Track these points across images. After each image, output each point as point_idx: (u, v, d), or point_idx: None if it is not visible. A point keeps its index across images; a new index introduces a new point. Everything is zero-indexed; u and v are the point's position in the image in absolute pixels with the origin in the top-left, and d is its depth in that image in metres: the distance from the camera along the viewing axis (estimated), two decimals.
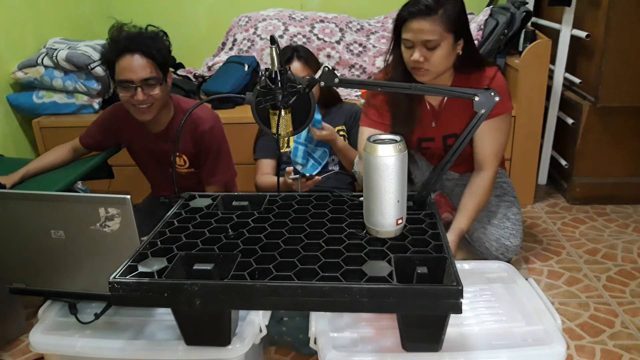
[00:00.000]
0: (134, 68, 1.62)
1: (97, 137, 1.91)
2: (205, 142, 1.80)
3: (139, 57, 1.62)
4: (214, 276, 1.00)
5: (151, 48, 1.64)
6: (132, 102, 1.66)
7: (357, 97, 2.56)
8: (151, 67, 1.64)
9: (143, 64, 1.63)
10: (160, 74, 1.68)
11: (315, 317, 1.15)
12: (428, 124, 1.70)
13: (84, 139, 1.92)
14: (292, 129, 1.23)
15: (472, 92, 1.23)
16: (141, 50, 1.63)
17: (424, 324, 1.02)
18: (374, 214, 1.10)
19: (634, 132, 2.38)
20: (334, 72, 1.20)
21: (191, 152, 1.84)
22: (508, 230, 1.76)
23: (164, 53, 1.69)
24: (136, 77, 1.62)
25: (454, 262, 1.00)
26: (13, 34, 2.40)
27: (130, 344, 1.15)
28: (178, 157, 1.81)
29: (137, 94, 1.64)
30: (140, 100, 1.64)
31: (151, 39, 1.67)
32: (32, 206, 1.22)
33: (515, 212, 1.80)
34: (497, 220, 1.78)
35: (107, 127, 1.89)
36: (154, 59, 1.65)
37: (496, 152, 1.65)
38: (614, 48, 2.18)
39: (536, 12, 2.75)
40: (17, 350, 1.63)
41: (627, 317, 1.68)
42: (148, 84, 1.64)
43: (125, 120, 1.82)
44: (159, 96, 1.68)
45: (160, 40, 1.69)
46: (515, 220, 1.78)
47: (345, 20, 2.91)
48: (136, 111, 1.69)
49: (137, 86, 1.63)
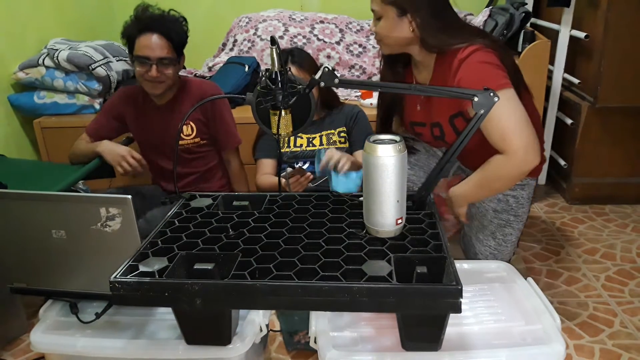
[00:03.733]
0: (152, 46, 1.75)
1: (100, 120, 1.98)
2: (216, 104, 1.91)
3: (158, 36, 1.76)
4: (215, 276, 1.00)
5: (170, 30, 1.78)
6: (146, 77, 1.79)
7: (356, 98, 2.56)
8: (168, 48, 1.78)
9: (161, 43, 1.76)
10: (175, 55, 1.81)
11: (315, 316, 1.16)
12: (414, 105, 1.66)
13: (89, 127, 1.98)
14: (292, 129, 1.23)
15: (471, 92, 1.23)
16: (161, 31, 1.77)
17: (423, 324, 1.02)
18: (374, 214, 1.11)
19: (633, 132, 2.38)
20: (333, 73, 1.21)
21: (199, 119, 1.92)
22: (489, 249, 1.68)
23: (182, 37, 1.83)
24: (153, 55, 1.76)
25: (454, 261, 1.01)
26: (14, 35, 2.40)
27: (131, 343, 1.16)
28: (185, 126, 1.92)
29: (151, 70, 1.76)
30: (154, 76, 1.77)
31: (172, 22, 1.81)
32: (33, 206, 1.23)
33: (507, 232, 1.66)
34: (482, 236, 1.69)
35: (110, 109, 1.98)
36: (172, 40, 1.79)
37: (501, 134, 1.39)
38: (612, 48, 2.18)
39: (535, 13, 2.76)
40: (18, 349, 1.64)
41: (626, 316, 1.68)
42: (163, 62, 1.77)
43: (128, 99, 1.95)
44: (171, 75, 1.81)
45: (180, 25, 1.83)
46: (502, 241, 1.67)
47: (345, 21, 2.92)
48: (147, 85, 1.83)
49: (152, 63, 1.76)
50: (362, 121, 2.01)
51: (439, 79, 1.54)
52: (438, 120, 1.60)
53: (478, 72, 1.42)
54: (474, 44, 1.45)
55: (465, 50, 1.44)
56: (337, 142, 1.98)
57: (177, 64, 1.84)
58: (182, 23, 1.84)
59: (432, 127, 1.64)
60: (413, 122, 1.70)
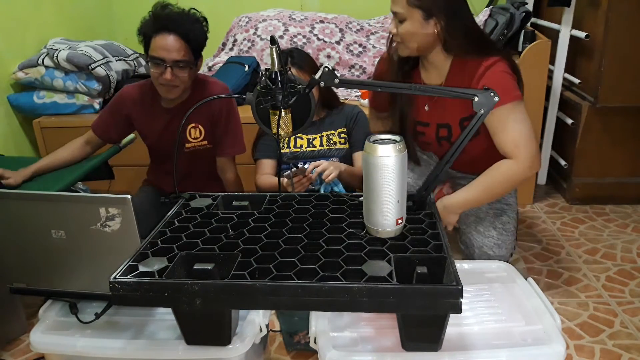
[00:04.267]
0: (168, 47, 1.65)
1: (108, 121, 1.89)
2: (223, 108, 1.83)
3: (175, 38, 1.66)
4: (215, 276, 1.00)
5: (189, 31, 1.68)
6: (160, 80, 1.70)
7: (356, 98, 2.56)
8: (185, 50, 1.67)
9: (178, 45, 1.66)
10: (192, 58, 1.71)
11: (315, 316, 1.15)
12: (422, 105, 1.69)
13: (95, 125, 1.90)
14: (292, 129, 1.23)
15: (471, 92, 1.24)
16: (178, 32, 1.66)
17: (423, 324, 1.02)
18: (374, 214, 1.10)
19: (633, 132, 2.38)
20: (333, 73, 1.21)
21: (208, 122, 1.84)
22: (492, 239, 1.70)
23: (200, 39, 1.72)
24: (168, 57, 1.66)
25: (454, 261, 1.01)
26: (14, 34, 2.40)
27: (131, 343, 1.15)
28: (194, 129, 1.84)
29: (166, 73, 1.67)
30: (168, 79, 1.68)
31: (191, 22, 1.70)
32: (33, 206, 1.22)
33: (504, 220, 1.72)
34: (482, 228, 1.72)
35: (117, 108, 1.89)
36: (189, 42, 1.68)
37: (513, 140, 1.49)
38: (613, 48, 2.18)
39: (535, 13, 2.76)
40: (17, 349, 1.64)
41: (627, 316, 1.68)
42: (179, 65, 1.68)
43: (135, 99, 1.85)
44: (186, 79, 1.72)
45: (199, 25, 1.73)
46: (503, 230, 1.71)
47: (345, 21, 2.91)
48: (161, 88, 1.73)
49: (167, 66, 1.67)
50: (362, 122, 2.00)
51: (453, 81, 1.58)
52: (448, 121, 1.64)
53: (502, 80, 1.50)
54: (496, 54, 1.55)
55: (490, 58, 1.53)
56: (337, 142, 1.98)
57: (194, 67, 1.74)
58: (202, 24, 1.73)
59: (438, 127, 1.67)
60: (417, 122, 1.71)
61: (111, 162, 2.04)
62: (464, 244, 1.77)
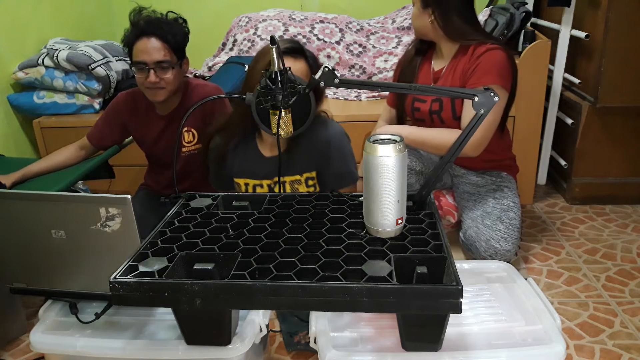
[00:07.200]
0: (148, 50, 1.69)
1: (103, 130, 1.92)
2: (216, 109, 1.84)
3: (154, 40, 1.70)
4: (215, 276, 1.00)
5: (167, 33, 1.72)
6: (146, 84, 1.73)
7: (356, 98, 2.56)
8: (165, 50, 1.71)
9: (157, 47, 1.70)
10: (175, 58, 1.75)
11: (315, 316, 1.15)
12: (425, 83, 1.84)
13: (90, 133, 1.93)
14: (292, 129, 1.23)
15: (471, 92, 1.23)
16: (157, 34, 1.71)
17: (423, 324, 1.02)
18: (374, 214, 1.10)
19: (633, 133, 2.38)
20: (333, 73, 1.20)
21: (200, 127, 1.86)
22: (500, 233, 1.77)
23: (179, 38, 1.76)
24: (150, 59, 1.70)
25: (454, 261, 1.01)
26: (14, 34, 2.40)
27: (131, 343, 1.15)
28: (187, 133, 1.86)
29: (149, 76, 1.71)
30: (153, 82, 1.71)
31: (168, 24, 1.74)
32: (33, 206, 1.22)
33: (511, 217, 1.81)
34: (490, 222, 1.79)
35: (112, 117, 1.91)
36: (169, 42, 1.72)
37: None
38: (613, 48, 2.18)
39: (535, 13, 2.76)
40: (17, 350, 1.64)
41: (627, 316, 1.68)
42: (161, 66, 1.71)
43: (130, 107, 1.87)
44: (171, 80, 1.74)
45: (178, 26, 1.76)
46: (510, 225, 1.79)
47: (345, 21, 2.91)
48: (149, 92, 1.76)
49: (150, 68, 1.70)
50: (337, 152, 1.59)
51: (453, 64, 1.77)
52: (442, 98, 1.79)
53: (498, 63, 1.66)
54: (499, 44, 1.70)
55: (494, 43, 1.70)
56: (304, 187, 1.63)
57: (178, 68, 1.76)
58: (180, 24, 1.77)
59: (432, 101, 1.81)
60: (415, 98, 1.86)
61: (111, 162, 2.05)
62: (469, 239, 1.79)
